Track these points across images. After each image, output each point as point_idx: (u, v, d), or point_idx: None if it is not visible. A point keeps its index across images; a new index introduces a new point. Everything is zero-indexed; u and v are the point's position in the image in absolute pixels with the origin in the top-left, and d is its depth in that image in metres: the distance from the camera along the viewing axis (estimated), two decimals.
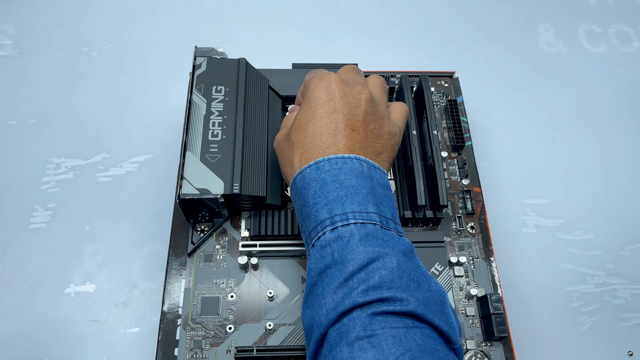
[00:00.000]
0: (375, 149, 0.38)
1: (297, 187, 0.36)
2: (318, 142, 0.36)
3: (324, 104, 0.37)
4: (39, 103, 0.59)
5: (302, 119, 0.38)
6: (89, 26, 0.65)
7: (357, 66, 0.44)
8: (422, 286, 0.32)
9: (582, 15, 0.70)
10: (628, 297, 0.50)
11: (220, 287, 0.42)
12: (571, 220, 0.54)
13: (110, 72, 0.62)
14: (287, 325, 0.41)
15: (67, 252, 0.50)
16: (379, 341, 0.29)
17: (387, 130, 0.39)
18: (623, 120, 0.61)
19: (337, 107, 0.37)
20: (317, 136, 0.37)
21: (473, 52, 0.66)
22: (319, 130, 0.37)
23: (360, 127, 0.37)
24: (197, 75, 0.46)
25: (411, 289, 0.32)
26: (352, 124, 0.37)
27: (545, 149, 0.58)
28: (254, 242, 0.43)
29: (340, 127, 0.36)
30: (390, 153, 0.39)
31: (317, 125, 0.37)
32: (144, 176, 0.54)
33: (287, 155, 0.39)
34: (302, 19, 0.68)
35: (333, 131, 0.36)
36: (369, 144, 0.37)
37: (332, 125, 0.36)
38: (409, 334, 0.30)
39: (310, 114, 0.38)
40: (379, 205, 0.35)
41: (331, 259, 0.33)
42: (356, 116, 0.37)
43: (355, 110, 0.37)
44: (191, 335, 0.40)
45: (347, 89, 0.38)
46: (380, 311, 0.30)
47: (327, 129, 0.36)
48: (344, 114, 0.37)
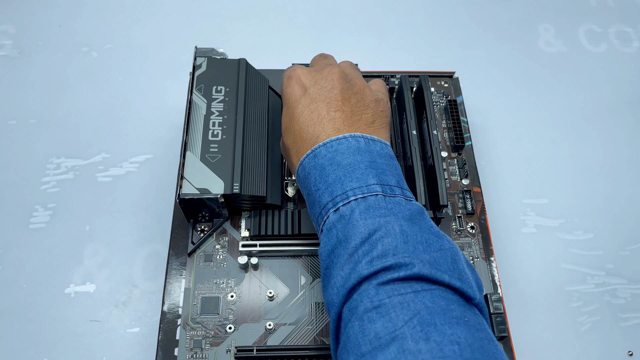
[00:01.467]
0: (366, 120, 0.37)
1: (300, 178, 0.37)
2: (306, 135, 0.37)
3: (300, 98, 0.38)
4: (39, 103, 0.59)
5: (286, 121, 0.39)
6: (89, 26, 0.65)
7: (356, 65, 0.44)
8: (432, 246, 0.32)
9: (582, 15, 0.70)
10: (628, 297, 0.50)
11: (220, 287, 0.42)
12: (571, 220, 0.54)
13: (110, 72, 0.62)
14: (287, 325, 0.41)
15: (67, 252, 0.50)
16: (387, 310, 0.28)
17: (370, 98, 0.38)
18: (623, 120, 0.61)
19: (313, 96, 0.37)
20: (303, 130, 0.37)
21: (473, 52, 0.66)
22: (304, 124, 0.37)
23: (343, 105, 0.37)
24: (197, 75, 0.46)
25: (419, 252, 0.31)
26: (333, 105, 0.37)
27: (545, 149, 0.58)
28: (254, 242, 0.43)
29: (322, 113, 0.37)
30: (383, 119, 0.39)
31: (301, 120, 0.37)
32: (144, 176, 0.54)
33: (289, 160, 0.40)
34: (302, 19, 0.68)
35: (317, 119, 0.37)
36: (356, 117, 0.37)
37: (315, 115, 0.37)
38: (417, 297, 0.29)
39: (291, 113, 0.38)
40: (381, 175, 0.34)
41: (336, 239, 0.33)
42: (334, 96, 0.37)
43: (332, 92, 0.37)
44: (191, 335, 0.40)
45: (316, 76, 0.38)
46: (386, 280, 0.30)
47: (310, 120, 0.37)
48: (321, 99, 0.37)
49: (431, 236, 0.32)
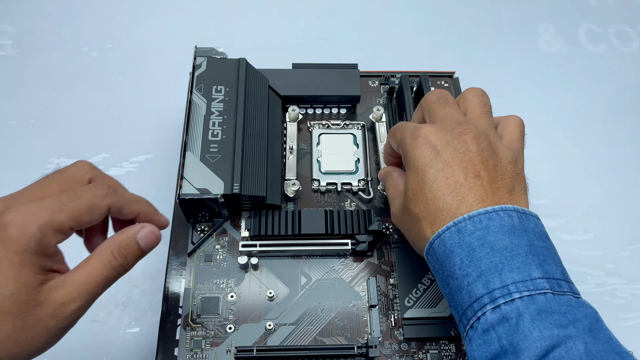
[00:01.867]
0: (506, 187, 0.32)
1: (437, 254, 0.32)
2: (444, 206, 0.32)
3: (431, 162, 0.33)
4: (39, 103, 0.59)
5: (414, 188, 0.34)
6: (89, 26, 0.65)
7: (440, 93, 0.37)
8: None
9: (582, 15, 0.70)
10: (628, 297, 0.50)
11: (220, 287, 0.42)
12: (571, 220, 0.54)
13: (110, 72, 0.62)
14: (287, 325, 0.41)
15: (67, 252, 0.50)
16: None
17: (508, 159, 0.33)
18: (623, 120, 0.61)
19: (446, 159, 0.32)
20: (439, 200, 0.32)
21: (473, 52, 0.66)
22: (439, 192, 0.32)
23: (482, 171, 0.32)
24: (197, 75, 0.46)
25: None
26: (471, 170, 0.32)
27: (545, 149, 0.58)
28: (254, 242, 0.43)
29: (460, 179, 0.32)
30: (522, 183, 0.33)
31: (434, 187, 0.32)
32: (144, 176, 0.54)
33: (415, 230, 0.34)
34: (303, 18, 0.68)
35: (454, 186, 0.32)
36: (496, 185, 0.32)
37: (451, 181, 0.32)
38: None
39: (421, 179, 0.33)
40: (544, 265, 0.29)
41: (499, 346, 0.28)
42: (470, 160, 0.32)
43: (467, 155, 0.32)
44: (191, 335, 0.40)
45: (447, 135, 0.33)
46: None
47: (447, 188, 0.32)
48: (456, 163, 0.32)
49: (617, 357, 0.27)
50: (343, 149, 0.49)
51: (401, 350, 0.40)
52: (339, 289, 0.43)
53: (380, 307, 0.42)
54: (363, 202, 0.47)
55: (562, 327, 0.27)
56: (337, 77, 0.51)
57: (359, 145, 0.50)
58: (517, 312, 0.27)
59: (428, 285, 0.42)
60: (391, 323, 0.41)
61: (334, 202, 0.47)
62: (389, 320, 0.41)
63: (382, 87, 0.54)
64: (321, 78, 0.50)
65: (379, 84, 0.54)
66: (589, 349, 0.26)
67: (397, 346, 0.40)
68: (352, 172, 0.48)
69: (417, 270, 0.43)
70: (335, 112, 0.52)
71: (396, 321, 0.41)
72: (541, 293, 0.28)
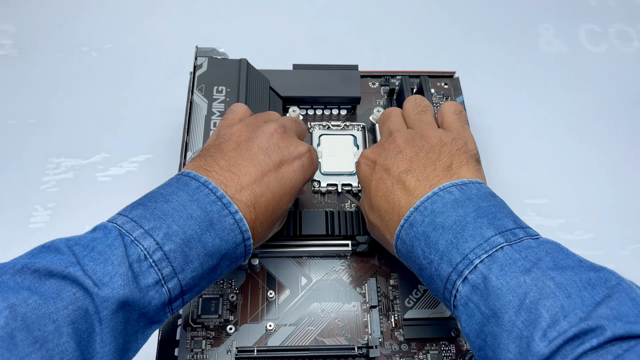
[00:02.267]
0: (443, 166, 0.34)
1: (403, 253, 0.34)
2: (389, 207, 0.35)
3: (371, 175, 0.37)
4: (39, 103, 0.59)
5: (367, 202, 0.38)
6: (89, 26, 0.65)
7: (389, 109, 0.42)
8: (597, 287, 0.26)
9: (582, 15, 0.70)
10: None
11: (221, 288, 0.42)
12: (571, 220, 0.54)
13: (110, 72, 0.62)
14: (288, 326, 0.41)
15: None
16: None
17: (440, 144, 0.35)
18: (623, 120, 0.61)
19: (382, 167, 0.36)
20: (384, 205, 0.35)
21: (473, 52, 0.66)
22: (382, 199, 0.35)
23: (412, 164, 0.35)
24: (198, 75, 0.46)
25: (589, 303, 0.25)
26: (402, 168, 0.35)
27: (545, 149, 0.58)
28: None
29: (393, 181, 0.35)
30: (461, 157, 0.35)
31: (378, 195, 0.36)
32: (144, 176, 0.54)
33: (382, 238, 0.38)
34: (303, 18, 0.68)
35: (390, 189, 0.35)
36: (430, 169, 0.34)
37: (387, 186, 0.35)
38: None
39: (367, 193, 0.37)
40: (494, 221, 0.30)
41: (480, 315, 0.28)
42: (400, 161, 0.35)
43: (397, 157, 0.35)
44: (191, 335, 0.40)
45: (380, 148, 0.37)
46: (578, 354, 0.24)
47: (384, 193, 0.35)
48: (387, 169, 0.36)
49: (589, 273, 0.27)
50: (343, 150, 0.49)
51: (401, 350, 0.40)
52: (339, 290, 0.43)
53: (381, 308, 0.42)
54: None
55: (527, 272, 0.27)
56: (338, 78, 0.51)
57: (359, 146, 0.50)
58: (482, 276, 0.28)
59: None
60: (391, 324, 0.41)
61: (334, 203, 0.47)
62: (389, 321, 0.42)
63: (382, 88, 0.54)
64: (322, 79, 0.50)
65: (379, 85, 0.54)
66: (559, 282, 0.26)
67: (397, 347, 0.40)
68: (353, 173, 0.48)
69: None
70: (336, 113, 0.52)
71: (396, 322, 0.41)
72: (498, 249, 0.29)
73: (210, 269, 0.32)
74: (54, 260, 0.27)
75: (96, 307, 0.27)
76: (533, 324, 0.26)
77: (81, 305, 0.26)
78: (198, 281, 0.31)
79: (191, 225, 0.30)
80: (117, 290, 0.27)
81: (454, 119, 0.39)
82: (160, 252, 0.29)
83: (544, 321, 0.25)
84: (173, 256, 0.29)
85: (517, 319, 0.26)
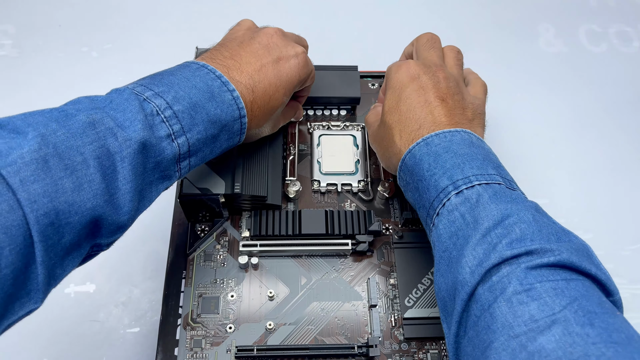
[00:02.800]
0: (467, 116, 0.39)
1: (408, 165, 0.37)
2: (413, 116, 0.38)
3: (409, 84, 0.40)
4: (39, 103, 0.59)
5: (391, 102, 0.40)
6: (89, 26, 0.65)
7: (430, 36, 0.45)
8: (562, 239, 0.30)
9: (582, 15, 0.70)
10: (628, 297, 0.50)
11: (221, 287, 0.42)
12: (571, 220, 0.54)
13: (110, 72, 0.62)
14: (288, 325, 0.41)
15: None
16: (539, 294, 0.28)
17: (469, 102, 0.40)
18: (623, 120, 0.61)
19: (421, 84, 0.39)
20: (410, 111, 0.38)
21: (473, 52, 0.66)
22: (411, 105, 0.39)
23: (448, 98, 0.39)
24: None
25: (553, 242, 0.30)
26: (439, 95, 0.39)
27: (545, 149, 0.58)
28: (254, 242, 0.43)
29: (430, 98, 0.38)
30: (481, 120, 0.40)
31: (408, 102, 0.39)
32: None
33: (387, 139, 0.40)
34: (303, 18, 0.68)
35: (424, 103, 0.38)
36: (459, 112, 0.39)
37: (422, 99, 0.38)
38: (570, 285, 0.28)
39: (398, 95, 0.40)
40: (498, 169, 0.35)
41: (462, 220, 0.33)
42: (441, 89, 0.39)
43: (439, 85, 0.39)
44: (191, 334, 0.40)
45: (425, 69, 0.40)
46: (534, 265, 0.29)
47: (418, 103, 0.38)
48: (429, 88, 0.39)
49: (559, 230, 0.31)
50: (343, 150, 0.49)
51: (401, 350, 0.40)
52: (339, 289, 0.43)
53: (381, 307, 0.42)
54: (363, 202, 0.47)
55: (515, 202, 0.32)
56: (337, 79, 0.51)
57: (359, 146, 0.50)
58: (477, 193, 0.33)
59: (428, 285, 0.42)
60: (391, 323, 0.41)
61: (334, 202, 0.47)
62: (389, 320, 0.42)
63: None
64: (321, 79, 0.50)
65: (378, 86, 0.54)
66: (537, 218, 0.31)
67: (397, 346, 0.40)
68: (352, 173, 0.48)
69: (417, 270, 0.43)
70: (336, 113, 0.52)
71: (396, 321, 0.41)
72: (496, 183, 0.33)
73: (212, 136, 0.35)
74: (79, 105, 0.31)
75: (119, 145, 0.30)
76: (506, 235, 0.30)
77: (105, 144, 0.29)
78: (202, 146, 0.35)
79: (196, 93, 0.34)
80: (137, 132, 0.30)
81: (482, 94, 0.44)
82: (170, 110, 0.33)
83: (514, 235, 0.30)
84: (181, 116, 0.33)
85: (493, 229, 0.31)
